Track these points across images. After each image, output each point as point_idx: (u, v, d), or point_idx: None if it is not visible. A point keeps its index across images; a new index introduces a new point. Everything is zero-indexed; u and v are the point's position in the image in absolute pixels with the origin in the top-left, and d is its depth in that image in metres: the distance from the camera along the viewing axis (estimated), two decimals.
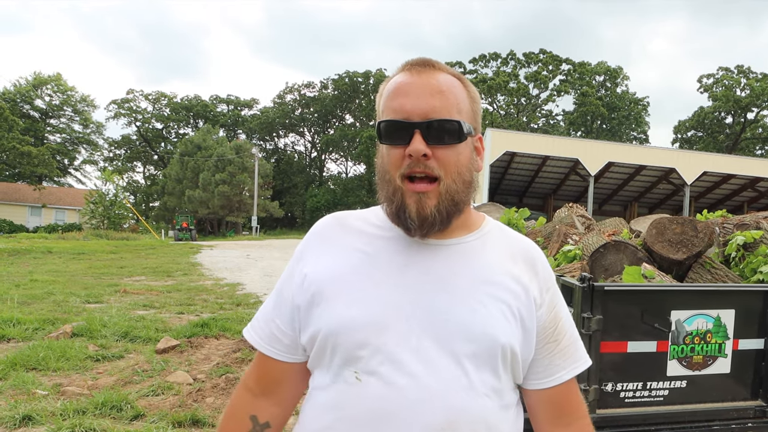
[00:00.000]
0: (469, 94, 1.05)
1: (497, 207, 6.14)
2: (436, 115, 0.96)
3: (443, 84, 0.99)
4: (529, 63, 55.77)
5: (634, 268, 2.80)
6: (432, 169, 0.97)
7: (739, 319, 2.51)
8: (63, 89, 48.98)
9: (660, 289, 2.54)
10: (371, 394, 0.96)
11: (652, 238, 3.15)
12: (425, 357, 0.97)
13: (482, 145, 1.10)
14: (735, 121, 51.87)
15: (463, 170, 1.01)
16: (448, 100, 0.98)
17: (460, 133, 0.98)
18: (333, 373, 1.00)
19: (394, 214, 1.01)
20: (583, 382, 2.35)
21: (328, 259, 1.05)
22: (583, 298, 2.33)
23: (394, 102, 0.99)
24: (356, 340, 0.98)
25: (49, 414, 3.96)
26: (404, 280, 1.01)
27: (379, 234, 1.06)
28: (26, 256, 16.32)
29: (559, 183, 23.77)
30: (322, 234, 1.10)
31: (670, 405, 2.48)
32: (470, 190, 1.04)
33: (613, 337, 2.40)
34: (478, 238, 1.09)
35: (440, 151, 0.97)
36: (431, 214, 0.97)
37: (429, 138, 0.96)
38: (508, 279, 1.05)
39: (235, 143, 48.72)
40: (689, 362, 2.47)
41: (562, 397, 1.12)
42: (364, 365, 0.97)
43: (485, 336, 0.99)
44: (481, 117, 1.08)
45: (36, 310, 7.75)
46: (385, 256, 1.03)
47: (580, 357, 1.14)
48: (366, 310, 0.98)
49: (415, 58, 1.04)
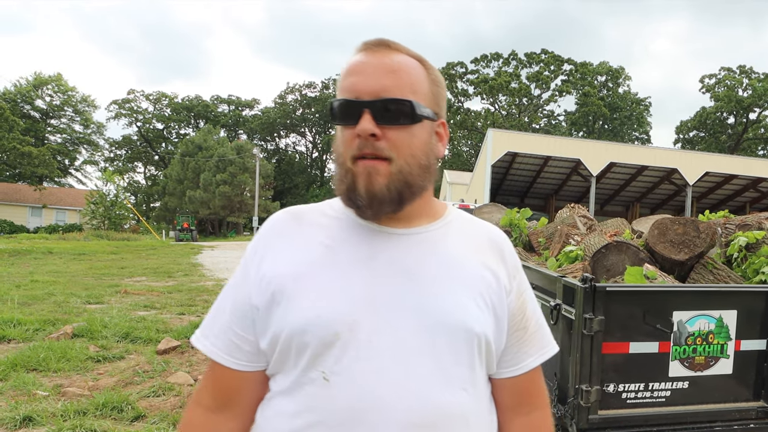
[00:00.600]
0: (429, 76, 1.00)
1: (499, 207, 6.13)
2: (386, 94, 0.92)
3: (397, 63, 0.95)
4: (530, 63, 55.75)
5: (635, 269, 2.80)
6: (381, 150, 0.92)
7: (741, 320, 2.51)
8: (64, 89, 48.98)
9: (662, 289, 2.53)
10: (342, 394, 0.91)
11: (654, 238, 3.15)
12: (398, 352, 0.92)
13: (445, 131, 1.05)
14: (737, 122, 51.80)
15: (417, 153, 0.96)
16: (401, 80, 0.94)
17: (413, 113, 0.94)
18: (298, 376, 0.94)
19: (345, 195, 0.96)
20: (585, 383, 2.35)
21: (286, 255, 0.99)
22: (584, 298, 2.33)
23: (346, 81, 0.96)
24: (323, 338, 0.92)
25: (50, 415, 3.95)
26: (371, 272, 0.96)
27: (338, 225, 1.01)
28: (27, 257, 16.33)
29: (560, 183, 23.74)
30: (277, 230, 1.04)
31: (672, 406, 2.47)
32: (427, 175, 0.99)
33: (615, 338, 2.39)
34: (442, 227, 1.05)
35: (392, 131, 0.93)
36: (380, 191, 0.93)
37: (379, 118, 0.92)
38: (477, 266, 1.02)
39: (236, 143, 48.79)
40: (691, 363, 2.47)
41: (525, 385, 1.09)
42: (333, 364, 0.92)
43: (459, 326, 0.95)
44: (445, 102, 1.04)
45: (36, 311, 7.73)
46: (347, 249, 0.98)
47: (548, 343, 1.12)
48: (332, 305, 0.93)
49: (372, 39, 0.99)
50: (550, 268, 3.51)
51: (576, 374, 2.36)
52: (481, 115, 56.04)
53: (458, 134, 57.69)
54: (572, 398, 2.38)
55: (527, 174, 23.03)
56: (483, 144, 22.04)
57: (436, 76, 1.02)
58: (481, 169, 21.60)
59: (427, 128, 0.98)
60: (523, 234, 4.94)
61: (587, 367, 2.35)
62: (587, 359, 2.34)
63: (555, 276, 2.70)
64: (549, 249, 4.35)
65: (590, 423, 2.36)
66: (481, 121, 55.18)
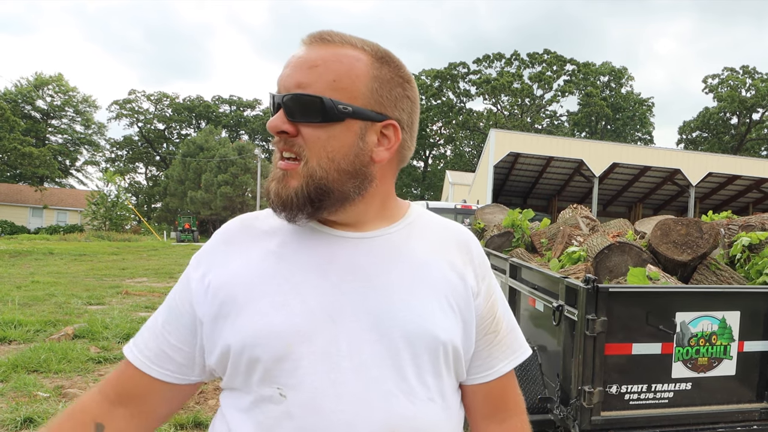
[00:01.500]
0: (375, 73, 0.90)
1: (501, 208, 6.14)
2: (297, 90, 0.86)
3: (322, 58, 0.87)
4: (533, 63, 55.72)
5: (638, 270, 2.80)
6: (296, 148, 0.88)
7: (744, 321, 2.50)
8: (65, 90, 48.95)
9: (665, 290, 2.53)
10: (301, 411, 0.85)
11: (656, 239, 3.14)
12: (358, 363, 0.87)
13: (396, 134, 0.93)
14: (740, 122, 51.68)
15: (336, 155, 0.87)
16: (320, 76, 0.86)
17: (324, 112, 0.85)
18: (253, 393, 0.88)
19: (266, 194, 0.92)
20: (587, 384, 2.34)
21: (236, 264, 0.92)
22: (587, 299, 2.32)
23: (278, 75, 0.91)
24: (277, 352, 0.85)
25: (51, 416, 3.95)
26: (327, 279, 0.90)
27: (292, 231, 0.95)
28: (27, 258, 16.35)
29: (563, 184, 23.71)
30: (226, 239, 0.97)
31: (675, 407, 2.47)
32: (354, 180, 0.90)
33: (618, 339, 2.39)
34: (403, 228, 0.98)
35: (306, 129, 0.87)
36: (288, 197, 0.88)
37: (290, 114, 0.87)
38: (441, 269, 0.96)
39: (238, 144, 48.84)
40: (694, 364, 2.46)
41: (499, 392, 1.04)
42: (289, 379, 0.86)
43: (423, 334, 0.89)
44: (404, 103, 0.94)
45: (37, 312, 7.72)
46: (302, 256, 0.92)
47: (520, 346, 1.06)
48: (286, 316, 0.87)
49: (314, 32, 0.92)
50: (553, 269, 3.51)
51: (579, 375, 2.36)
52: (484, 115, 56.01)
53: (460, 135, 57.69)
54: (575, 399, 2.38)
55: (530, 174, 23.01)
56: (485, 144, 22.02)
57: (389, 73, 0.92)
58: (483, 170, 21.59)
59: (355, 129, 0.89)
60: (525, 235, 4.94)
61: (590, 369, 2.35)
62: (590, 360, 2.34)
63: (557, 277, 2.69)
64: (551, 250, 4.35)
65: (593, 424, 2.36)
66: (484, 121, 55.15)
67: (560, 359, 2.59)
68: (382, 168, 0.95)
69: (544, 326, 2.87)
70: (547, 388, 2.75)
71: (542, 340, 2.92)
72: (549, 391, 2.72)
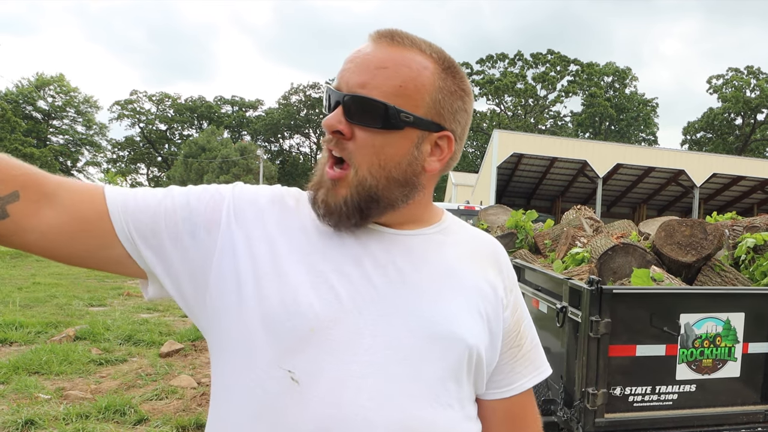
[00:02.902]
0: (440, 84, 0.87)
1: (504, 209, 6.13)
2: (361, 91, 0.82)
3: (392, 61, 0.84)
4: (536, 64, 55.65)
5: (642, 271, 2.79)
6: (343, 151, 0.84)
7: (748, 323, 2.49)
8: (66, 90, 48.80)
9: (669, 292, 2.52)
10: (318, 401, 0.80)
11: (661, 240, 3.14)
12: (381, 359, 0.83)
13: (449, 145, 0.91)
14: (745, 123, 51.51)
15: (388, 163, 0.85)
16: (387, 80, 0.83)
17: (386, 119, 0.82)
18: (260, 369, 0.82)
19: (311, 195, 0.89)
20: (591, 386, 2.34)
21: (273, 226, 0.89)
22: (591, 301, 2.32)
23: (341, 68, 0.87)
24: (296, 330, 0.81)
25: (52, 418, 3.96)
26: (359, 269, 0.86)
27: None
28: (28, 259, 16.31)
29: (567, 185, 23.68)
30: (278, 198, 0.93)
31: (679, 409, 2.46)
32: (403, 189, 0.88)
33: (622, 341, 2.39)
34: (438, 232, 0.96)
35: (361, 133, 0.83)
36: (338, 206, 0.85)
37: (349, 114, 0.83)
38: (473, 276, 0.94)
39: (240, 145, 48.84)
40: (698, 366, 2.46)
41: (519, 409, 1.02)
42: (306, 365, 0.81)
43: (449, 337, 0.87)
44: (462, 115, 0.92)
45: (38, 314, 7.70)
46: (336, 240, 0.88)
47: (542, 363, 1.04)
48: (315, 297, 0.83)
49: (384, 28, 0.88)
50: (556, 271, 3.50)
51: (582, 377, 2.35)
52: (487, 116, 55.98)
53: None
54: (579, 401, 2.37)
55: (533, 175, 22.99)
56: (488, 145, 22.01)
57: (453, 84, 0.89)
58: (486, 171, 21.58)
59: (412, 138, 0.86)
60: (529, 236, 4.93)
61: (594, 370, 2.34)
62: (594, 362, 2.34)
63: (561, 278, 2.69)
64: (555, 251, 4.34)
65: (597, 426, 2.36)
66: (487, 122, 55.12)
67: (564, 361, 2.58)
68: (431, 177, 0.93)
69: (547, 328, 2.87)
70: (551, 389, 2.75)
71: (546, 341, 2.92)
72: (552, 392, 2.71)
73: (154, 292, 0.90)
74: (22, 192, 0.78)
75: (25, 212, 0.79)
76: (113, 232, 0.84)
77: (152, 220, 0.86)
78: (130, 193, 0.88)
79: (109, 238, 0.84)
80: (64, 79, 48.85)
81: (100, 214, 0.84)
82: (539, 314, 3.00)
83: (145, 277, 0.90)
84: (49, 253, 0.83)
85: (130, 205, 0.86)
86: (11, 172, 0.78)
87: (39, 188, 0.80)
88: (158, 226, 0.86)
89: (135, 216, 0.85)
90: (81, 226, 0.83)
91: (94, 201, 0.84)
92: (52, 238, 0.82)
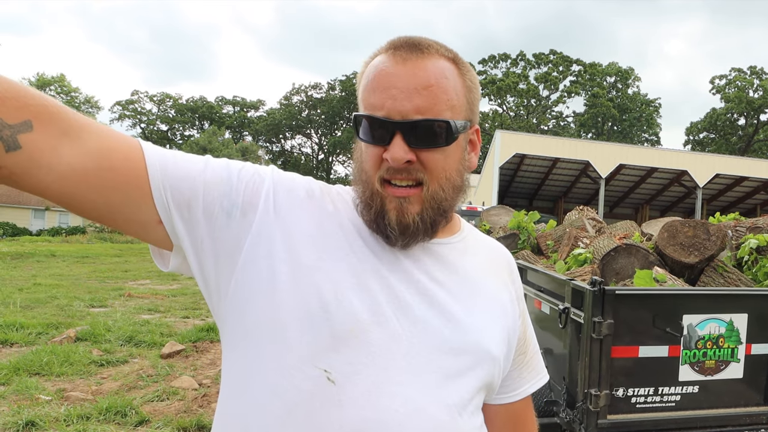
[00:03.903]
0: (464, 82, 0.88)
1: (507, 210, 6.13)
2: (420, 115, 0.81)
3: (433, 76, 0.82)
4: (539, 64, 55.59)
5: (645, 272, 2.79)
6: (415, 174, 0.83)
7: (752, 324, 2.49)
8: (67, 90, 48.89)
9: (672, 293, 2.52)
10: (354, 402, 0.79)
11: (663, 241, 3.13)
12: (415, 366, 0.83)
13: (478, 137, 0.94)
14: (748, 123, 51.37)
15: (452, 174, 0.86)
16: (438, 97, 0.82)
17: (449, 134, 0.83)
18: (293, 366, 0.79)
19: (373, 221, 0.86)
20: (594, 387, 2.34)
21: (309, 220, 0.86)
22: (593, 302, 2.32)
23: (374, 96, 0.83)
24: (336, 328, 0.79)
25: (53, 420, 3.97)
26: (395, 275, 0.86)
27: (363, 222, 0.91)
28: (29, 260, 16.38)
29: (569, 185, 23.66)
30: (312, 191, 0.91)
31: (682, 410, 2.46)
32: (459, 196, 0.90)
33: (625, 342, 2.38)
34: (460, 241, 0.97)
35: (425, 154, 0.83)
36: (413, 222, 0.84)
37: (411, 141, 0.81)
38: (495, 287, 0.96)
39: (241, 145, 48.83)
40: (701, 367, 2.45)
41: (520, 413, 1.05)
42: (344, 366, 0.79)
43: (479, 347, 0.88)
44: (478, 105, 0.93)
45: (39, 315, 7.72)
46: (373, 243, 0.87)
47: (542, 369, 1.07)
48: (355, 297, 0.81)
49: (401, 38, 0.86)
50: (559, 271, 3.50)
51: (585, 378, 2.35)
52: (489, 116, 55.92)
53: None
54: (581, 402, 2.37)
55: (535, 176, 22.97)
56: (491, 146, 22.00)
57: (470, 78, 0.90)
58: (488, 171, 21.56)
59: (461, 143, 0.88)
60: (531, 237, 4.93)
61: (596, 371, 2.34)
62: (596, 363, 2.34)
63: (564, 279, 2.69)
64: (557, 252, 4.34)
65: (599, 428, 2.35)
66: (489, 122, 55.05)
67: (566, 362, 2.58)
68: None
69: (550, 329, 2.86)
70: (553, 391, 2.74)
71: (548, 342, 2.91)
72: (555, 394, 2.71)
73: (175, 265, 0.87)
74: (37, 123, 0.69)
75: (40, 145, 0.69)
76: (149, 193, 0.77)
77: (191, 191, 0.80)
78: (169, 155, 0.81)
79: (140, 197, 0.77)
80: (65, 79, 48.97)
81: (135, 170, 0.76)
82: (542, 315, 3.00)
83: (167, 247, 0.85)
84: (67, 200, 0.74)
85: (170, 169, 0.79)
86: (25, 99, 0.69)
87: (59, 122, 0.71)
88: (196, 200, 0.80)
89: (174, 182, 0.79)
90: (108, 175, 0.74)
91: (128, 152, 0.77)
92: (73, 183, 0.72)
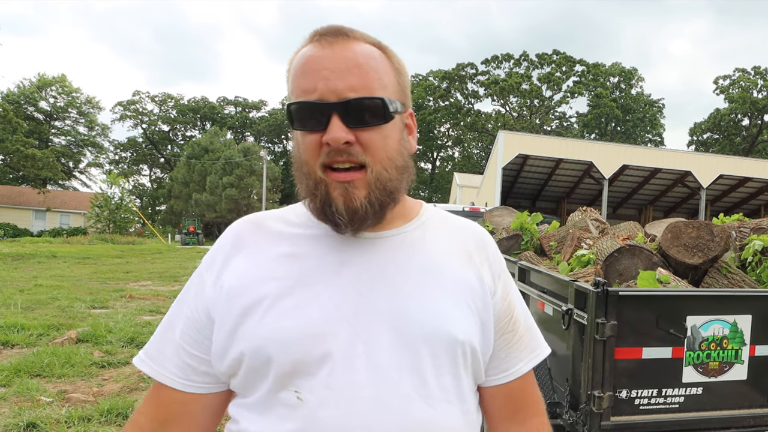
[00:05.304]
0: (393, 65, 0.90)
1: (510, 211, 6.11)
2: (354, 93, 0.82)
3: (360, 56, 0.84)
4: (542, 64, 55.54)
5: (648, 273, 2.78)
6: (356, 156, 0.84)
7: (756, 325, 2.48)
8: (68, 91, 48.60)
9: (675, 294, 2.50)
10: (318, 414, 0.83)
11: (667, 242, 3.12)
12: (375, 365, 0.85)
13: (413, 121, 0.96)
14: (752, 123, 51.22)
15: (393, 154, 0.88)
16: (369, 75, 0.84)
17: (385, 111, 0.84)
18: (267, 397, 0.86)
19: (320, 210, 0.87)
20: (597, 389, 2.33)
21: (247, 267, 0.90)
22: (597, 303, 2.31)
23: (305, 79, 0.84)
24: (294, 355, 0.84)
25: (54, 421, 3.96)
26: (341, 280, 0.88)
27: (304, 233, 0.93)
28: (30, 261, 16.43)
29: (572, 186, 23.61)
30: (236, 241, 0.94)
31: (686, 412, 2.45)
32: (405, 176, 0.91)
33: (628, 343, 2.37)
34: (419, 227, 0.97)
35: (364, 134, 0.84)
36: (362, 206, 0.85)
37: (349, 121, 0.82)
38: (458, 268, 0.95)
39: (243, 146, 48.84)
40: (705, 369, 2.44)
41: (519, 392, 1.03)
42: (306, 382, 0.84)
43: (441, 336, 0.88)
44: (409, 90, 0.96)
45: (40, 316, 7.71)
46: (315, 258, 0.90)
47: (538, 345, 1.05)
48: (302, 319, 0.85)
49: (325, 27, 0.87)
50: (562, 273, 3.49)
51: (588, 380, 2.34)
52: (492, 116, 55.92)
53: (468, 136, 57.58)
54: (584, 404, 2.36)
55: (538, 177, 22.93)
56: (494, 146, 21.97)
57: (398, 63, 0.92)
58: (491, 172, 21.54)
59: (398, 124, 0.90)
60: (534, 237, 4.91)
61: (599, 373, 2.33)
62: (599, 365, 2.33)
63: (567, 280, 2.68)
64: (560, 253, 4.33)
65: (603, 429, 2.34)
66: (492, 122, 55.05)
67: (569, 363, 2.57)
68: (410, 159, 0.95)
69: (553, 330, 2.86)
70: (557, 392, 2.74)
71: (551, 344, 2.89)
72: (558, 395, 2.70)
73: None
74: None
75: None
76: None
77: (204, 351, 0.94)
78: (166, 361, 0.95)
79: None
80: (66, 79, 48.75)
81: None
82: (545, 316, 2.99)
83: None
84: None
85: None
86: None
87: None
88: (203, 352, 0.94)
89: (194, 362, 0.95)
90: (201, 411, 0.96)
91: (169, 403, 0.94)
92: None
